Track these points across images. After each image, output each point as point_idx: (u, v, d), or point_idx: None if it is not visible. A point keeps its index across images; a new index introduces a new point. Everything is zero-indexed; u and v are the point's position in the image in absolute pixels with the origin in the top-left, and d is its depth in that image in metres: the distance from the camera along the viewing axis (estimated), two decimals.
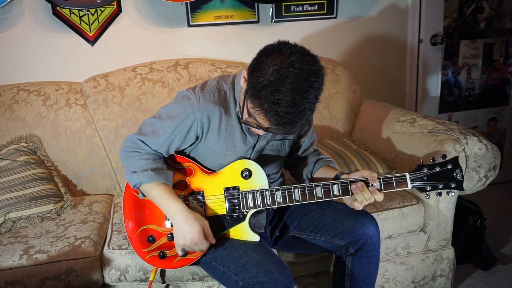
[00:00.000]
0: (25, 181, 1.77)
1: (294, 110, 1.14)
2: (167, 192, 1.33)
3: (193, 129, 1.34)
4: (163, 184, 1.34)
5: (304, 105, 1.15)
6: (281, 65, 1.14)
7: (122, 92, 2.04)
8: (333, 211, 1.45)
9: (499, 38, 2.75)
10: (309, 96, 1.15)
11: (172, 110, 1.34)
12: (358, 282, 1.44)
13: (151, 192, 1.34)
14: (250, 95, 1.20)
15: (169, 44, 2.27)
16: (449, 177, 1.32)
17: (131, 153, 1.35)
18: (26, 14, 2.07)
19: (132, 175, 1.33)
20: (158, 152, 1.36)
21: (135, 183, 1.34)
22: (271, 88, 1.14)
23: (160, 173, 1.33)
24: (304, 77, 1.13)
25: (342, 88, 2.27)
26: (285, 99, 1.13)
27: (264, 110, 1.17)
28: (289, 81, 1.13)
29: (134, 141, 1.35)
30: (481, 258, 2.11)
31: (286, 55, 1.15)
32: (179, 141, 1.35)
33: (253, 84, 1.18)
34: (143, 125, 1.38)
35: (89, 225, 1.68)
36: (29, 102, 1.98)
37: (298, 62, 1.14)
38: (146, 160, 1.33)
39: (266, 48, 1.20)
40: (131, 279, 1.53)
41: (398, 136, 1.96)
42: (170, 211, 1.33)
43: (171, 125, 1.33)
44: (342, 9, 2.44)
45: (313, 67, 1.15)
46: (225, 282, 1.33)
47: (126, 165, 1.36)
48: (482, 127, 2.88)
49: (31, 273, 1.47)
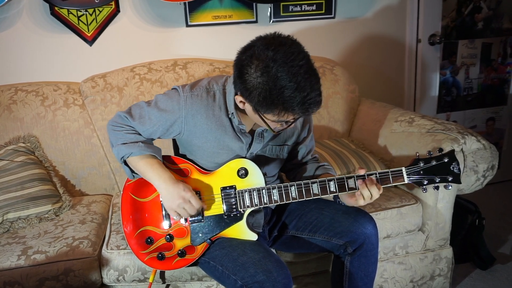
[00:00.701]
0: (23, 181, 1.77)
1: (307, 89, 1.14)
2: (157, 163, 1.35)
3: (177, 124, 1.36)
4: (153, 157, 1.35)
5: (308, 78, 1.15)
6: (265, 68, 1.14)
7: (120, 92, 2.04)
8: (331, 211, 1.45)
9: (497, 38, 2.76)
10: (303, 68, 1.14)
11: (162, 101, 1.37)
12: (356, 282, 1.44)
13: (140, 163, 1.34)
14: (264, 111, 1.20)
15: (167, 44, 2.26)
16: (446, 171, 1.33)
17: (118, 127, 1.37)
18: (24, 14, 2.07)
19: (121, 146, 1.34)
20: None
21: (124, 154, 1.34)
22: (276, 92, 1.14)
23: (150, 147, 1.36)
24: (288, 61, 1.13)
25: (340, 88, 2.27)
26: (293, 88, 1.13)
27: (287, 110, 1.17)
28: (282, 74, 1.13)
29: (122, 117, 1.38)
30: (480, 258, 2.12)
31: (262, 57, 1.15)
32: (161, 132, 1.38)
33: (259, 102, 1.18)
34: (134, 106, 1.40)
35: (88, 226, 1.68)
36: (27, 103, 1.98)
37: (275, 54, 1.14)
38: (134, 135, 1.36)
39: (239, 64, 1.20)
40: (130, 279, 1.53)
41: (396, 136, 1.96)
42: (159, 180, 1.33)
43: (156, 115, 1.35)
44: (340, 9, 2.44)
45: (287, 47, 1.15)
46: (224, 282, 1.33)
47: (113, 137, 1.38)
48: (480, 126, 2.88)
49: (29, 274, 1.47)
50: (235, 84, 1.25)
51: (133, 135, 1.36)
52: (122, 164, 1.39)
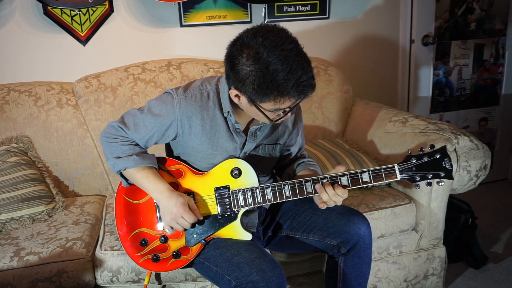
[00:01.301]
0: (16, 182, 1.75)
1: (299, 71, 1.14)
2: (152, 175, 1.34)
3: (172, 128, 1.35)
4: (149, 168, 1.35)
5: (299, 60, 1.15)
6: (256, 55, 1.14)
7: (114, 92, 2.03)
8: (325, 211, 1.45)
9: (490, 39, 2.78)
10: (294, 51, 1.15)
11: (155, 106, 1.36)
12: (350, 282, 1.45)
13: (136, 176, 1.35)
14: (260, 100, 1.20)
15: (161, 44, 2.26)
16: (438, 167, 1.33)
17: (112, 139, 1.36)
18: (17, 14, 2.06)
19: (116, 160, 1.34)
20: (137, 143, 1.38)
21: (120, 168, 1.34)
22: (269, 76, 1.14)
23: (145, 158, 1.35)
24: (278, 45, 1.14)
25: (334, 88, 2.28)
26: (286, 70, 1.13)
27: (283, 94, 1.17)
28: (273, 58, 1.13)
29: (116, 128, 1.36)
30: (473, 257, 2.13)
31: (252, 44, 1.15)
32: (158, 137, 1.37)
33: (254, 90, 1.18)
34: (126, 115, 1.39)
35: (81, 226, 1.67)
36: (20, 103, 1.96)
37: (264, 40, 1.14)
38: (128, 146, 1.35)
39: (230, 57, 1.20)
40: (124, 280, 1.53)
41: (390, 136, 1.97)
42: (156, 192, 1.33)
43: (151, 121, 1.34)
44: (335, 9, 2.45)
45: (275, 33, 1.16)
46: (218, 282, 1.33)
47: (107, 150, 1.37)
48: (473, 126, 2.90)
49: (22, 275, 1.46)
50: (228, 79, 1.24)
51: (127, 146, 1.35)
52: (118, 175, 1.39)
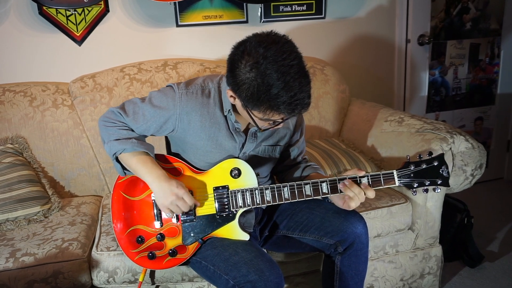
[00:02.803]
0: (11, 183, 1.74)
1: (295, 89, 1.14)
2: (150, 161, 1.34)
3: (171, 121, 1.35)
4: (145, 154, 1.35)
5: (298, 78, 1.14)
6: (255, 64, 1.14)
7: (110, 92, 2.02)
8: (322, 211, 1.45)
9: (485, 39, 2.79)
10: (294, 68, 1.14)
11: (156, 98, 1.36)
12: (347, 281, 1.45)
13: (132, 159, 1.33)
14: (251, 107, 1.21)
15: (157, 44, 2.25)
16: (435, 174, 1.34)
17: (110, 123, 1.36)
18: (11, 14, 2.05)
19: (113, 142, 1.33)
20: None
21: (117, 150, 1.33)
22: (263, 88, 1.14)
23: (143, 144, 1.35)
24: (279, 60, 1.13)
25: (331, 88, 2.28)
26: (280, 87, 1.13)
27: (272, 108, 1.17)
28: (271, 71, 1.13)
29: (115, 113, 1.37)
30: (468, 256, 2.14)
31: (254, 53, 1.15)
32: (155, 129, 1.37)
33: (247, 97, 1.18)
34: (127, 102, 1.39)
35: (77, 227, 1.66)
36: (15, 103, 1.95)
37: (266, 51, 1.14)
38: (126, 131, 1.35)
39: (232, 59, 1.20)
40: (120, 281, 1.52)
41: (386, 136, 1.97)
42: (152, 176, 1.31)
43: (150, 112, 1.35)
44: (331, 9, 2.45)
45: (279, 46, 1.15)
46: (216, 282, 1.33)
47: (105, 133, 1.36)
48: (469, 126, 2.92)
49: (17, 276, 1.45)
50: (227, 79, 1.25)
51: (125, 131, 1.35)
52: (113, 160, 1.37)
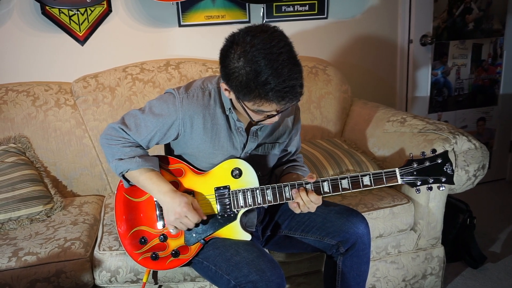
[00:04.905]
0: (14, 182, 1.75)
1: (283, 76, 1.13)
2: (155, 176, 1.34)
3: (174, 127, 1.35)
4: (151, 170, 1.35)
5: (287, 65, 1.13)
6: (243, 53, 1.14)
7: (112, 92, 2.02)
8: (323, 211, 1.45)
9: (488, 39, 2.78)
10: (283, 56, 1.13)
11: (157, 106, 1.35)
12: (349, 281, 1.45)
13: (139, 178, 1.34)
14: (242, 97, 1.20)
15: (160, 44, 2.26)
16: (439, 172, 1.33)
17: (113, 140, 1.35)
18: (14, 14, 2.05)
19: (118, 162, 1.33)
20: (139, 144, 1.38)
21: (122, 170, 1.33)
22: (252, 75, 1.14)
23: (148, 160, 1.35)
24: (267, 47, 1.13)
25: (333, 88, 2.28)
26: (268, 73, 1.12)
27: (262, 97, 1.16)
28: (258, 58, 1.12)
29: (117, 129, 1.35)
30: (471, 256, 2.13)
31: (241, 42, 1.16)
32: (159, 137, 1.37)
33: (237, 86, 1.18)
34: (127, 116, 1.38)
35: (80, 227, 1.66)
36: (18, 103, 1.96)
37: (254, 39, 1.14)
38: (130, 148, 1.34)
39: (222, 50, 1.22)
40: (122, 280, 1.52)
41: (388, 136, 1.97)
42: (159, 193, 1.32)
43: (152, 121, 1.34)
44: (333, 9, 2.45)
45: (268, 34, 1.15)
46: (217, 282, 1.33)
47: (108, 152, 1.36)
48: (471, 126, 2.91)
49: (20, 276, 1.45)
50: (220, 72, 1.25)
51: (129, 148, 1.34)
52: (120, 177, 1.38)
